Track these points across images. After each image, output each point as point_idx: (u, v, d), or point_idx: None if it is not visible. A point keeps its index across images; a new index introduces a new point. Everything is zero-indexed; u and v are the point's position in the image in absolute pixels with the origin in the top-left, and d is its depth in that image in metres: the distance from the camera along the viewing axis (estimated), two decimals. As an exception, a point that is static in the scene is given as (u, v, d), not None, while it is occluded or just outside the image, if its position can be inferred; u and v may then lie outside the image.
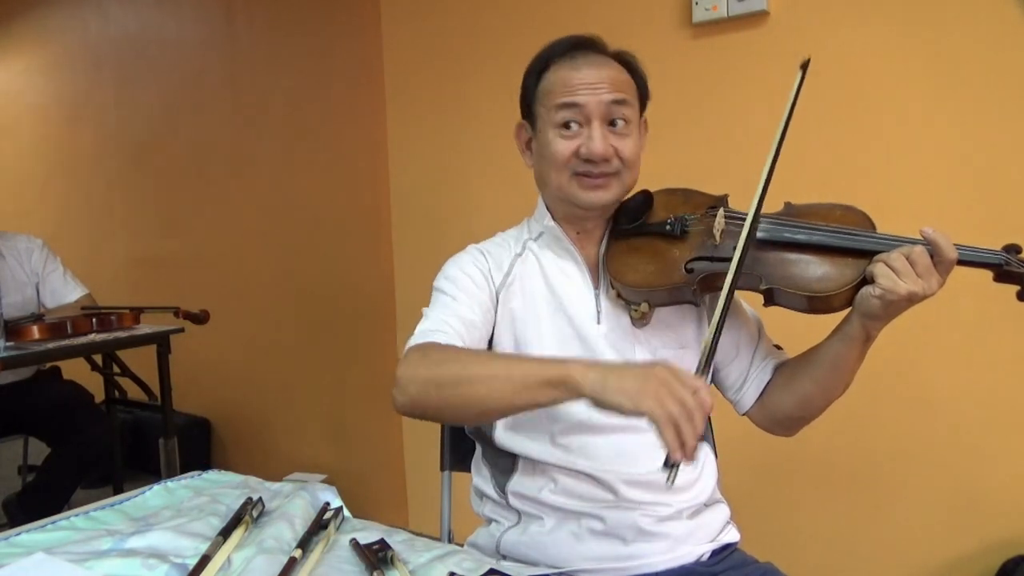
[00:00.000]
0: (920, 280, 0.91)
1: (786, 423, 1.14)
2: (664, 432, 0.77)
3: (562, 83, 1.07)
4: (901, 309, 0.94)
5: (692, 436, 0.77)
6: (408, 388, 0.94)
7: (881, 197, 1.74)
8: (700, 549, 1.09)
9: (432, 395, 0.93)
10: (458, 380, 0.92)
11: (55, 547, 0.95)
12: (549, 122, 1.08)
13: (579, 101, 1.05)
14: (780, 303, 1.01)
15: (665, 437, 0.78)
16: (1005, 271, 0.95)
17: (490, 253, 1.16)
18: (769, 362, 1.15)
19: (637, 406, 0.79)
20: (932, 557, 1.75)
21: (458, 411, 0.96)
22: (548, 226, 1.15)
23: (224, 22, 3.14)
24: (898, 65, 1.71)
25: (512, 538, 1.11)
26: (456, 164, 2.46)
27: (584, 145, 1.06)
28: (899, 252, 0.92)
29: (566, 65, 1.08)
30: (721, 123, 1.93)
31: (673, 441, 0.77)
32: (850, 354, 1.01)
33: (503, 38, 2.30)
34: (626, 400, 0.80)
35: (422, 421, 1.03)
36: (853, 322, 0.99)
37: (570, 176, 1.08)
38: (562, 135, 1.07)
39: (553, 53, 1.11)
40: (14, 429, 2.51)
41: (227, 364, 3.32)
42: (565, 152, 1.07)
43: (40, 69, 4.10)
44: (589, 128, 1.06)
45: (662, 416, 0.77)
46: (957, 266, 0.94)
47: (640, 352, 1.09)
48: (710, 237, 1.05)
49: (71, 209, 4.00)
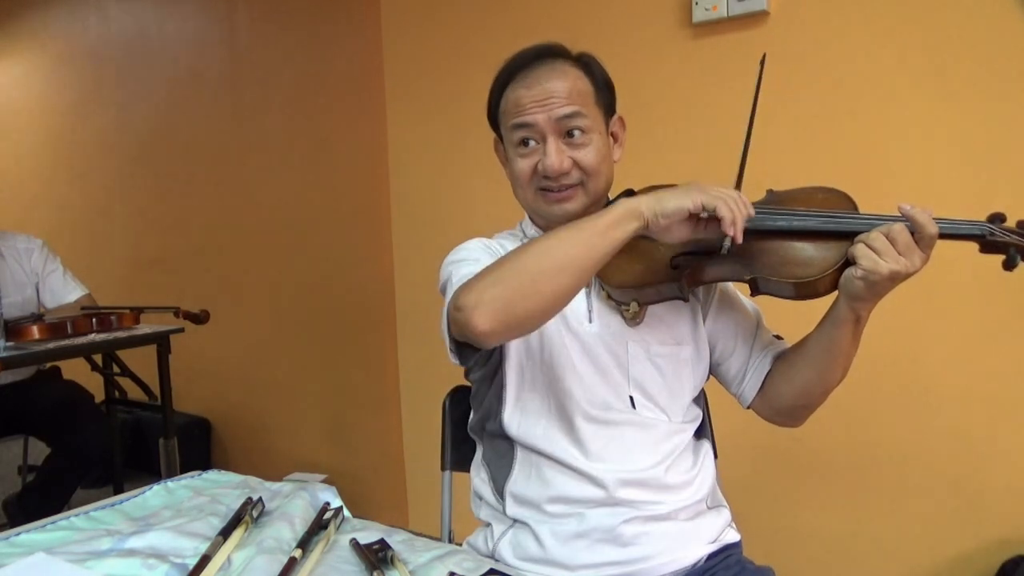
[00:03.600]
0: (902, 258, 0.90)
1: (790, 413, 1.14)
2: (720, 208, 0.90)
3: (514, 104, 1.09)
4: (887, 288, 0.93)
5: (741, 214, 0.91)
6: (483, 296, 0.89)
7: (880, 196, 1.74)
8: (699, 551, 1.09)
9: (515, 285, 0.89)
10: (537, 255, 0.91)
11: (55, 547, 0.95)
12: (509, 142, 1.11)
13: (529, 120, 1.07)
14: (766, 292, 1.00)
15: (721, 211, 0.90)
16: (989, 241, 0.93)
17: (494, 240, 1.18)
18: (768, 353, 1.15)
19: (693, 200, 0.91)
20: (932, 557, 1.75)
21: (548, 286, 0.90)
22: (531, 233, 1.18)
23: (224, 22, 3.14)
24: (898, 65, 1.71)
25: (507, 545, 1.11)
26: (456, 164, 2.46)
27: (540, 162, 1.08)
28: (878, 231, 0.91)
29: (520, 83, 1.09)
30: (721, 123, 1.93)
31: (728, 214, 0.90)
32: (843, 337, 1.01)
33: (503, 38, 2.30)
34: (683, 200, 0.91)
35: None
36: (841, 305, 0.99)
37: (535, 192, 1.10)
38: (520, 153, 1.09)
39: (513, 68, 1.11)
40: (14, 429, 2.51)
41: (227, 364, 3.32)
42: (526, 170, 1.09)
43: (40, 69, 4.10)
44: (545, 144, 1.07)
45: (715, 198, 0.91)
46: (941, 240, 0.92)
47: (634, 350, 1.10)
48: None
49: (71, 209, 4.00)
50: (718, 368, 1.18)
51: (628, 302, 1.08)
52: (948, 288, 1.63)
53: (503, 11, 2.30)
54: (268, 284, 3.09)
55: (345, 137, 2.74)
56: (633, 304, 1.08)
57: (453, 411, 1.40)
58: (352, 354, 2.84)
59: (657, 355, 1.10)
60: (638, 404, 1.10)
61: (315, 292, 2.93)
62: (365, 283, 2.76)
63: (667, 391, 1.11)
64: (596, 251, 0.91)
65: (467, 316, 0.89)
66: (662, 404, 1.11)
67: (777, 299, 1.00)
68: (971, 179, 1.65)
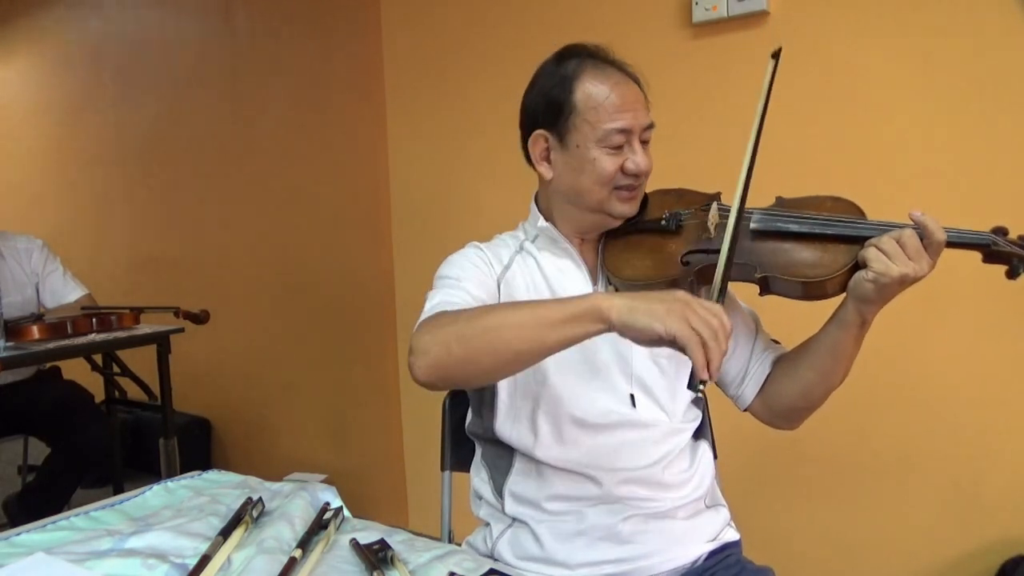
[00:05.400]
0: (911, 262, 0.94)
1: (788, 415, 1.15)
2: (693, 351, 0.80)
3: (610, 105, 1.07)
4: (894, 292, 0.96)
5: (717, 355, 0.81)
6: (429, 350, 0.91)
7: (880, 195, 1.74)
8: (698, 550, 1.09)
9: (456, 351, 0.90)
10: (483, 329, 0.89)
11: (55, 547, 0.95)
12: (593, 139, 1.08)
13: (629, 125, 1.07)
14: (775, 291, 1.03)
15: (694, 356, 0.80)
16: (993, 251, 0.98)
17: (489, 249, 1.17)
18: (768, 355, 1.16)
19: (666, 327, 0.81)
20: (932, 557, 1.75)
21: (486, 362, 0.90)
22: (542, 227, 1.16)
23: (224, 22, 3.14)
24: (898, 64, 1.71)
25: (506, 544, 1.11)
26: (456, 164, 2.46)
27: (631, 160, 1.08)
28: (889, 236, 0.95)
29: (604, 83, 1.08)
30: (721, 123, 1.93)
31: (700, 359, 0.80)
32: (847, 339, 1.03)
33: (503, 38, 2.30)
34: (655, 322, 0.81)
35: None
36: (848, 307, 1.01)
37: (611, 191, 1.10)
38: (609, 154, 1.08)
39: (579, 66, 1.10)
40: (14, 429, 2.50)
41: (227, 364, 3.32)
42: (611, 169, 1.08)
43: (40, 69, 4.10)
44: (630, 146, 1.08)
45: (690, 336, 0.80)
46: (947, 248, 0.96)
47: (637, 348, 1.09)
48: (704, 231, 1.08)
49: (71, 209, 3.99)
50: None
51: None
52: (949, 289, 1.62)
53: (503, 11, 2.30)
54: (268, 284, 3.09)
55: (345, 137, 2.74)
56: None
57: (453, 412, 1.40)
58: (352, 354, 2.84)
59: (659, 354, 1.11)
60: (639, 403, 1.10)
61: (315, 292, 2.93)
62: (365, 283, 2.76)
63: (668, 391, 1.12)
64: (544, 344, 0.87)
65: (412, 360, 0.92)
66: (663, 403, 1.11)
67: (776, 302, 1.00)
68: (971, 179, 1.65)
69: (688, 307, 0.81)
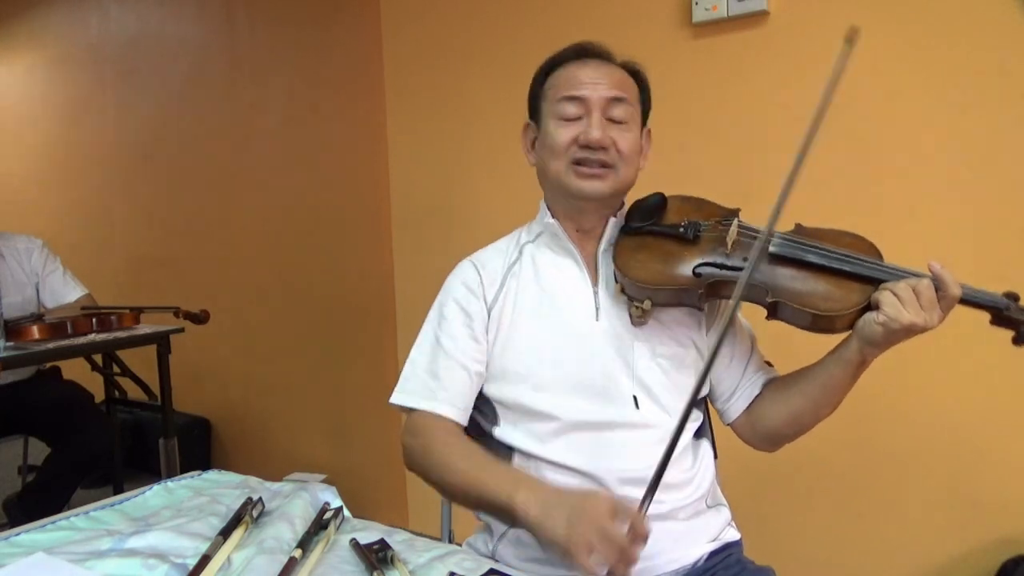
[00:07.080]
0: (923, 312, 0.94)
1: (772, 437, 1.16)
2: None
3: (567, 79, 1.12)
4: (899, 339, 0.97)
5: (625, 571, 0.81)
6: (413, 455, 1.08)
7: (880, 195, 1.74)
8: (699, 550, 1.09)
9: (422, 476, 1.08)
10: (440, 482, 1.05)
11: (55, 547, 0.95)
12: (551, 114, 1.12)
13: (581, 95, 1.09)
14: (783, 318, 1.03)
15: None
16: (1004, 316, 0.99)
17: (484, 267, 1.17)
18: (760, 376, 1.17)
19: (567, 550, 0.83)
20: (932, 557, 1.75)
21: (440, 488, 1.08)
22: (548, 223, 1.16)
23: (224, 22, 3.14)
24: (899, 64, 1.70)
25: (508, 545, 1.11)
26: (456, 163, 2.46)
27: (583, 133, 1.09)
28: (906, 283, 0.95)
29: (573, 65, 1.13)
30: (721, 123, 1.93)
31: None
32: (844, 377, 1.04)
33: (503, 37, 2.30)
34: (561, 543, 0.84)
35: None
36: (851, 346, 1.02)
37: (568, 164, 1.10)
38: (562, 124, 1.10)
39: (563, 57, 1.15)
40: (14, 429, 2.50)
41: (227, 364, 3.32)
42: (565, 139, 1.10)
43: (40, 69, 4.10)
44: (589, 118, 1.09)
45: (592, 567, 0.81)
46: (958, 305, 0.97)
47: (639, 349, 1.10)
48: (722, 245, 1.07)
49: (71, 209, 3.99)
50: (709, 381, 1.19)
51: (642, 299, 1.08)
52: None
53: (502, 10, 2.30)
54: (268, 284, 3.09)
55: (345, 137, 2.74)
56: (646, 302, 1.07)
57: (453, 411, 1.40)
58: (352, 354, 2.84)
59: (661, 356, 1.11)
60: (642, 404, 1.10)
61: (315, 292, 2.93)
62: (365, 283, 2.76)
63: (670, 392, 1.12)
64: (467, 502, 1.03)
65: (402, 446, 1.10)
66: (665, 404, 1.11)
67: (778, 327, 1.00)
68: (971, 179, 1.65)
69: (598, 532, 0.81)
